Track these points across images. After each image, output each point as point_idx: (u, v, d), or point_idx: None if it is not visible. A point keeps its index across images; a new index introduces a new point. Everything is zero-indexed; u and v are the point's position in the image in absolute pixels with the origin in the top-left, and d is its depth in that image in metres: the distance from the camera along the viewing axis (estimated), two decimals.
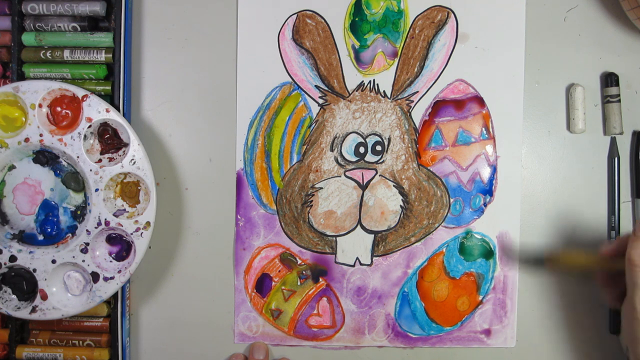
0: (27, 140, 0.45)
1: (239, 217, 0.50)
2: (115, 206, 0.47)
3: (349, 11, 0.49)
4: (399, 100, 0.49)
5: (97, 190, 0.45)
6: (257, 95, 0.49)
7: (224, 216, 0.50)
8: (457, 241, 0.50)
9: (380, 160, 0.49)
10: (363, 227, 0.50)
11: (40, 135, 0.45)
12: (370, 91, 0.49)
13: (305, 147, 0.49)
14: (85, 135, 0.45)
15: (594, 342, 0.50)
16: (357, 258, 0.50)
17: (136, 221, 0.45)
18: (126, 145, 0.46)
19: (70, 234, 0.48)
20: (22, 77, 0.47)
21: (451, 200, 0.50)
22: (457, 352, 0.50)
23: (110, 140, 0.47)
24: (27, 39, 0.47)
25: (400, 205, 0.50)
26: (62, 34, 0.47)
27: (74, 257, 0.46)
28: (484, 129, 0.49)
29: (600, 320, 0.50)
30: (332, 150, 0.49)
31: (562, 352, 0.51)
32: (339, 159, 0.49)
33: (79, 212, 0.48)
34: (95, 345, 0.48)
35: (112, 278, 0.46)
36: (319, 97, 0.49)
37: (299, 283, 0.50)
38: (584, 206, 0.50)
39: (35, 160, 0.48)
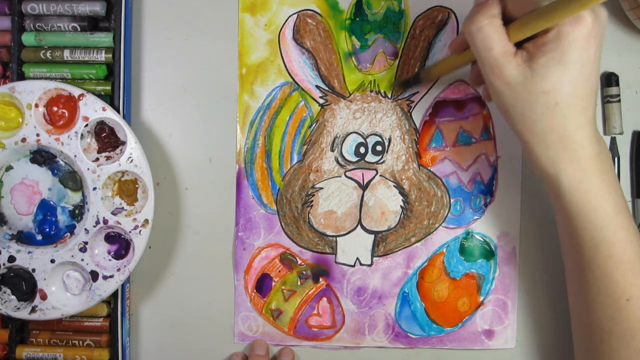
0: (24, 140, 0.45)
1: (239, 217, 0.50)
2: (113, 204, 0.46)
3: (350, 11, 0.49)
4: (399, 101, 0.49)
5: (94, 189, 0.45)
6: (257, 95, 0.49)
7: (224, 216, 0.50)
8: (458, 242, 0.50)
9: (381, 161, 0.49)
10: (363, 228, 0.49)
11: (37, 135, 0.45)
12: (371, 91, 0.49)
13: (305, 147, 0.49)
14: (82, 134, 0.45)
15: None
16: (357, 258, 0.50)
17: (134, 219, 0.45)
18: (123, 143, 0.46)
19: (68, 233, 0.48)
20: (22, 77, 0.47)
21: (452, 200, 0.50)
22: (458, 353, 0.50)
23: (107, 139, 0.47)
24: (27, 39, 0.47)
25: (401, 206, 0.49)
26: (62, 34, 0.47)
27: (72, 256, 0.45)
28: (484, 129, 0.49)
29: None
30: (332, 150, 0.49)
31: (562, 352, 0.50)
32: (340, 159, 0.49)
33: (77, 211, 0.48)
34: (95, 345, 0.48)
35: (111, 276, 0.46)
36: (320, 97, 0.49)
37: (299, 283, 0.50)
38: None
39: (33, 160, 0.47)
